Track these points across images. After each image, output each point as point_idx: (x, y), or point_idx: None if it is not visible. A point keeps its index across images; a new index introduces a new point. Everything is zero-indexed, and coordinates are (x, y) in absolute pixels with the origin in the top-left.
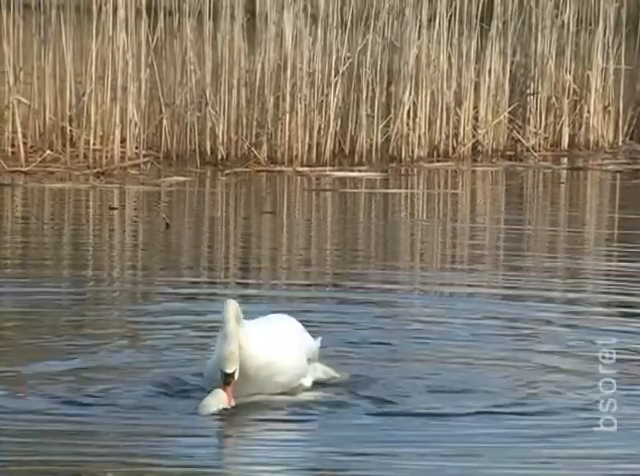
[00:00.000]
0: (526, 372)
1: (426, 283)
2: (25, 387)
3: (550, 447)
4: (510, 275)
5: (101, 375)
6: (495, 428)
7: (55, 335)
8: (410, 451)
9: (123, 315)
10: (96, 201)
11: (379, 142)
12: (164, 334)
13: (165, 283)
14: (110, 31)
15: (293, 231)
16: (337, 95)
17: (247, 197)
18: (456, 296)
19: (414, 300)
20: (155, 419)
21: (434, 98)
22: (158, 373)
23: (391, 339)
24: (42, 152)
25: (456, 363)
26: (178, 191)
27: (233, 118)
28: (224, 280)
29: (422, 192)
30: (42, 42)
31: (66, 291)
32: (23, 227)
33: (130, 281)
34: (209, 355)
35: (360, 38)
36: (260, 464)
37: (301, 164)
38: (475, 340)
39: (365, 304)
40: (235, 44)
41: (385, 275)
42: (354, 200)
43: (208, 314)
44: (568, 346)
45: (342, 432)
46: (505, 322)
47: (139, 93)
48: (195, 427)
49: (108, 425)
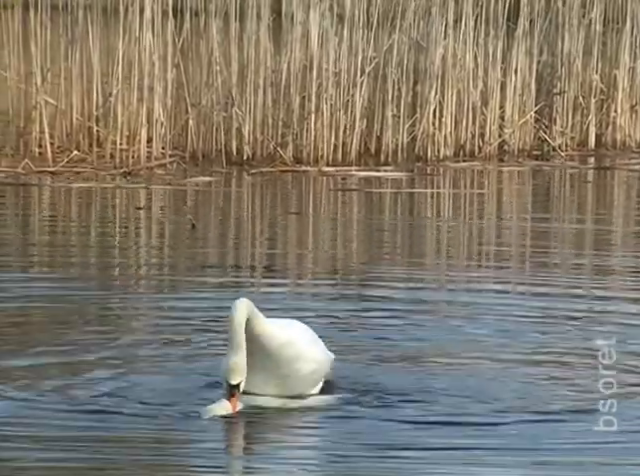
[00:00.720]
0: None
1: (453, 281)
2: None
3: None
4: (537, 272)
5: (124, 371)
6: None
7: (81, 332)
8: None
9: (149, 312)
10: (122, 201)
11: (405, 142)
12: (188, 331)
13: (190, 282)
14: (137, 32)
15: (319, 231)
16: (363, 95)
17: (273, 197)
18: (483, 292)
19: (442, 297)
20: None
21: (460, 98)
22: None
23: (417, 337)
24: (69, 152)
25: (483, 364)
26: (204, 191)
27: (259, 118)
28: (250, 280)
29: (448, 192)
30: (69, 43)
31: (93, 289)
32: (50, 227)
33: (156, 279)
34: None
35: (386, 38)
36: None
37: (327, 164)
38: (504, 337)
39: (391, 301)
40: (261, 44)
41: (412, 272)
42: (380, 200)
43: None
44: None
45: (363, 435)
46: (531, 318)
47: (165, 93)
48: (204, 432)
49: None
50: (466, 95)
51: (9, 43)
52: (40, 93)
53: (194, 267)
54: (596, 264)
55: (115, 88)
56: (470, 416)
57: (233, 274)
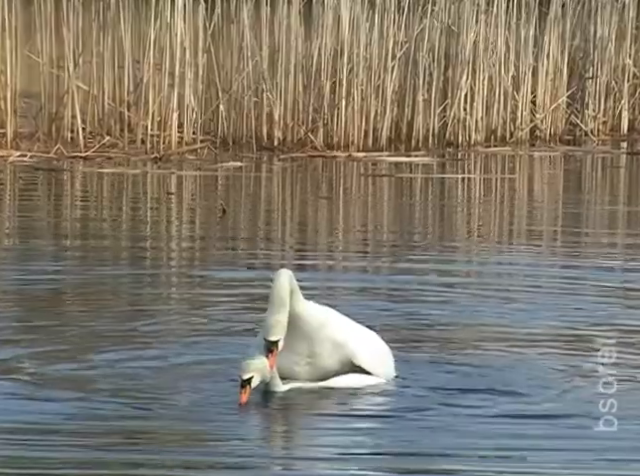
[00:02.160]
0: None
1: (483, 262)
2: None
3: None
4: (568, 251)
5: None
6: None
7: (113, 318)
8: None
9: (180, 296)
10: (153, 186)
11: (436, 127)
12: (225, 316)
13: (221, 264)
14: (168, 17)
15: (349, 215)
16: (394, 80)
17: (303, 182)
18: (515, 273)
19: (472, 278)
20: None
21: (492, 82)
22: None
23: (454, 317)
24: (101, 138)
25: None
26: (234, 176)
27: (289, 103)
28: (281, 263)
29: (479, 177)
30: (101, 28)
31: (125, 273)
32: (82, 212)
33: (187, 264)
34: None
35: (417, 23)
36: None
37: (357, 149)
38: (533, 318)
39: (426, 284)
40: (292, 29)
41: (443, 254)
42: (410, 185)
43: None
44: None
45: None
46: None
47: (196, 79)
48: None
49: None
50: (497, 80)
51: (42, 28)
52: (72, 78)
53: (224, 250)
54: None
55: (146, 73)
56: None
57: (262, 258)
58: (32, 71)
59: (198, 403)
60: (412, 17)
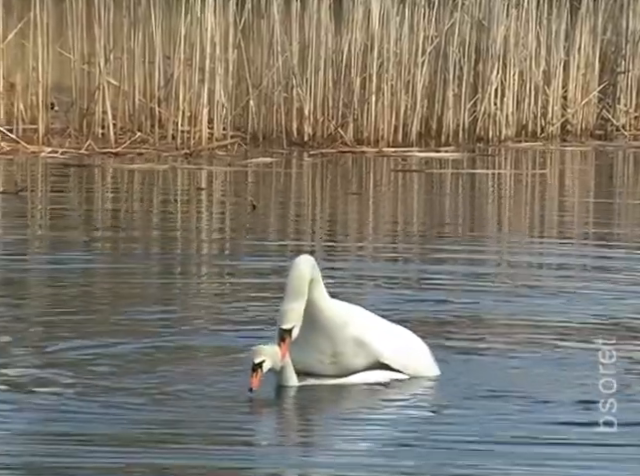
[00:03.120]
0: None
1: (514, 253)
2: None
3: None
4: (600, 247)
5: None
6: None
7: (143, 312)
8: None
9: (211, 290)
10: (184, 182)
11: (466, 122)
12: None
13: (251, 259)
14: (198, 13)
15: (379, 210)
16: (424, 75)
17: (333, 178)
18: (546, 268)
19: (503, 270)
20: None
21: (522, 77)
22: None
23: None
24: (131, 133)
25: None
26: (264, 172)
27: (319, 99)
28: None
29: (509, 172)
30: (132, 24)
31: (154, 266)
32: (113, 207)
33: (217, 257)
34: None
35: (448, 17)
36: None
37: (387, 145)
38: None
39: (456, 278)
40: (322, 24)
41: (474, 247)
42: (440, 180)
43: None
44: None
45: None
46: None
47: (227, 74)
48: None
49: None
50: (528, 75)
51: (73, 25)
52: (103, 74)
53: (254, 245)
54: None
55: (177, 69)
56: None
57: (293, 252)
58: (63, 67)
59: (219, 398)
60: (442, 11)
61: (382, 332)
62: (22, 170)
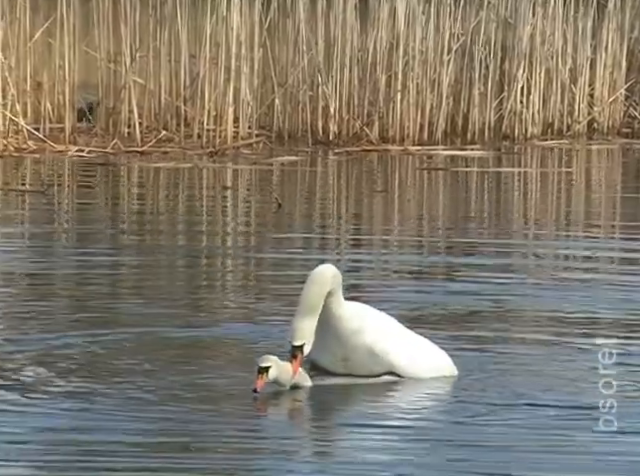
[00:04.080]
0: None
1: (541, 247)
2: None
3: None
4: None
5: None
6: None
7: (169, 307)
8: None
9: (237, 288)
10: (209, 180)
11: (492, 120)
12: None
13: (276, 259)
14: (224, 11)
15: (404, 209)
16: (449, 73)
17: (358, 176)
18: (573, 261)
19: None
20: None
21: (549, 75)
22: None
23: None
24: (157, 132)
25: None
26: (289, 170)
27: (345, 97)
28: (337, 257)
29: (535, 171)
30: (158, 23)
31: (181, 264)
32: (139, 205)
33: (243, 255)
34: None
35: (474, 15)
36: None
37: (412, 143)
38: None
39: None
40: (348, 23)
41: (499, 239)
42: (466, 179)
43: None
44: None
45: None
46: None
47: (252, 73)
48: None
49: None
50: (555, 73)
51: (99, 24)
52: (129, 73)
53: (279, 244)
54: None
55: (202, 68)
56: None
57: (318, 250)
58: (90, 66)
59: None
60: (468, 10)
61: (395, 341)
62: (49, 169)
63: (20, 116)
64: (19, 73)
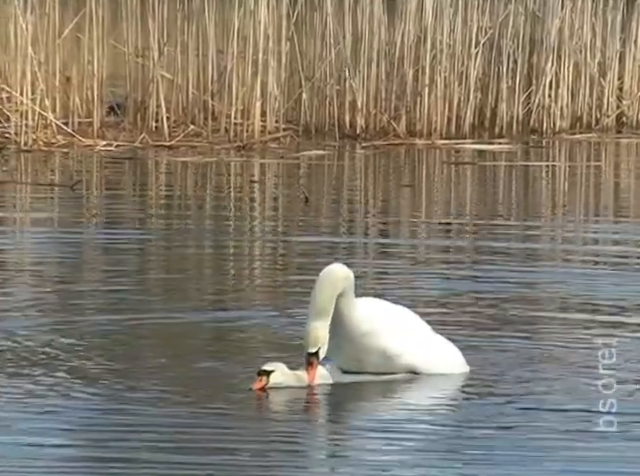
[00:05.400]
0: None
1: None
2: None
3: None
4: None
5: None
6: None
7: (198, 299)
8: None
9: (264, 282)
10: (237, 175)
11: (520, 114)
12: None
13: (304, 252)
14: (252, 5)
15: (432, 201)
16: (477, 67)
17: (385, 170)
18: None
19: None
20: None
21: (577, 69)
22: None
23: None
24: (185, 126)
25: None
26: (317, 164)
27: (372, 91)
28: (365, 254)
29: (564, 164)
30: (185, 17)
31: (208, 246)
32: (167, 200)
33: (271, 247)
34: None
35: (502, 8)
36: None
37: (440, 137)
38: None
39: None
40: (375, 16)
41: (527, 231)
42: (494, 173)
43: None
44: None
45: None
46: None
47: (279, 67)
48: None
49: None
50: (583, 66)
51: (127, 18)
52: (157, 68)
53: (307, 236)
54: None
55: (230, 62)
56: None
57: (345, 244)
58: (118, 61)
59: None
60: (496, 3)
61: (407, 340)
62: (77, 163)
63: (49, 111)
64: (48, 68)
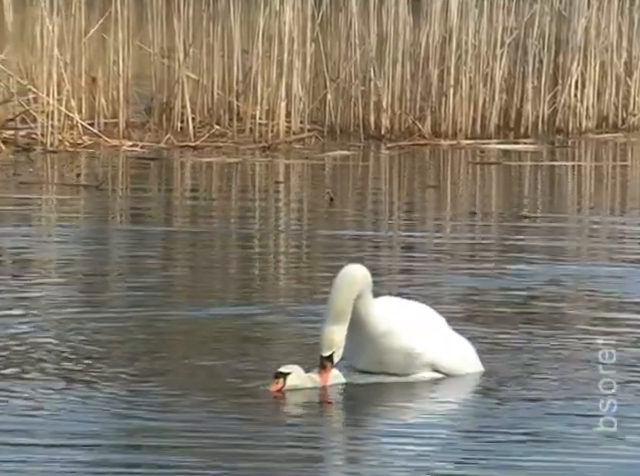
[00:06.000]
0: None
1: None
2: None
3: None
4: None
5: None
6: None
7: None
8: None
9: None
10: (261, 175)
11: (545, 114)
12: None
13: (330, 250)
14: (277, 6)
15: (457, 202)
16: (502, 67)
17: (410, 171)
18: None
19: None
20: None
21: (603, 68)
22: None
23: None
24: (210, 127)
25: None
26: (341, 165)
27: (397, 92)
28: (390, 250)
29: (590, 164)
30: (211, 18)
31: (235, 252)
32: (192, 200)
33: (296, 246)
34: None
35: (527, 8)
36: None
37: (465, 137)
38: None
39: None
40: (400, 17)
41: (553, 229)
42: (519, 173)
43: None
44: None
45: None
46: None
47: (304, 68)
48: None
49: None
50: (609, 66)
51: (153, 19)
52: (182, 68)
53: (332, 235)
54: None
55: (255, 63)
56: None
57: (370, 245)
58: (143, 61)
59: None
60: (522, 3)
61: (431, 339)
62: (103, 164)
63: (75, 111)
64: (74, 69)
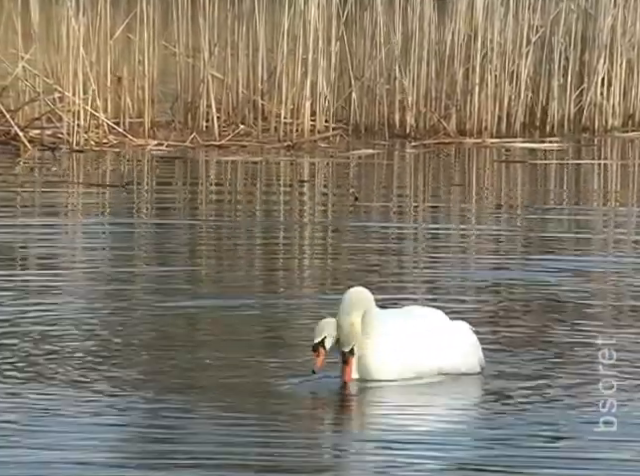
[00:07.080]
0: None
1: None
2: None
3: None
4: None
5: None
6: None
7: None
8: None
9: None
10: (286, 174)
11: (571, 112)
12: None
13: (355, 247)
14: (302, 5)
15: (482, 200)
16: (528, 65)
17: (435, 169)
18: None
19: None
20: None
21: (630, 66)
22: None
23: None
24: (235, 126)
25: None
26: (366, 163)
27: (422, 90)
28: (416, 242)
29: (616, 163)
30: (236, 18)
31: (259, 242)
32: (217, 198)
33: (320, 244)
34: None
35: (553, 6)
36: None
37: (490, 136)
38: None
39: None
40: (425, 15)
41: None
42: (545, 171)
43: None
44: None
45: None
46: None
47: (329, 66)
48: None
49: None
50: (636, 64)
51: (178, 19)
52: (207, 68)
53: (356, 235)
54: None
55: (280, 62)
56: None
57: (395, 243)
58: (168, 61)
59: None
60: (548, 1)
61: (430, 344)
62: (129, 163)
63: (101, 111)
64: (100, 68)
